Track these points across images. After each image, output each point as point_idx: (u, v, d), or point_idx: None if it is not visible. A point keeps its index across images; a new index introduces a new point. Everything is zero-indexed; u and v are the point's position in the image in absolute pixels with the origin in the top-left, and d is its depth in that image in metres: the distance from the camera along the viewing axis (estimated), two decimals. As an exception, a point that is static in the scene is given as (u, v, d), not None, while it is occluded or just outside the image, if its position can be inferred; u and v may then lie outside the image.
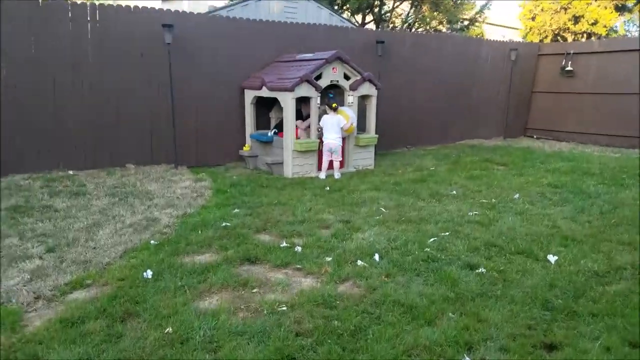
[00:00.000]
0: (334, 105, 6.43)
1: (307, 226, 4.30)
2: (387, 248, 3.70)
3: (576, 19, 14.82)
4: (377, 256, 3.51)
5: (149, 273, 3.05)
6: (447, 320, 2.59)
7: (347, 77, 6.81)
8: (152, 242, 3.70)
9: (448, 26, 15.80)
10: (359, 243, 3.83)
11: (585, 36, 15.14)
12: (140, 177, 6.13)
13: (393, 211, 4.87)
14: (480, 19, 16.72)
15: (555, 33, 15.43)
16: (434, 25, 15.33)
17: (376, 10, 14.87)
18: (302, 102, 6.60)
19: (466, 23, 16.56)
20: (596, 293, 2.98)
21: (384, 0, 14.65)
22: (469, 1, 15.78)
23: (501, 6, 20.02)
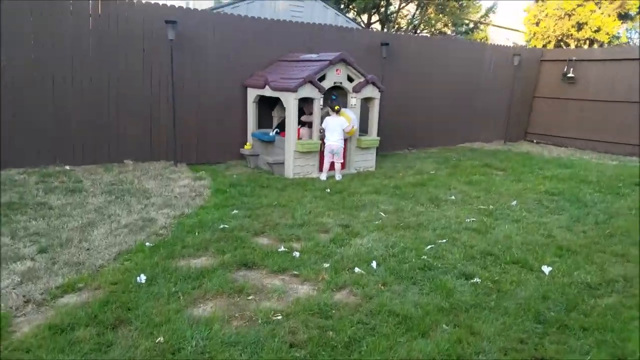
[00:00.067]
0: (337, 107, 6.41)
1: (306, 230, 4.29)
2: (385, 255, 3.70)
3: (579, 26, 14.84)
4: (375, 263, 3.50)
5: (143, 278, 3.02)
6: (441, 332, 2.59)
7: (351, 79, 6.76)
8: (148, 244, 3.68)
9: (453, 29, 15.77)
10: (357, 249, 3.82)
11: (587, 43, 15.15)
12: (138, 174, 6.10)
13: (392, 216, 4.87)
14: (485, 22, 16.70)
15: (558, 39, 15.45)
16: (439, 27, 15.30)
17: (382, 10, 14.81)
18: (305, 103, 6.57)
19: (471, 26, 16.53)
20: (588, 306, 2.99)
21: (390, 0, 14.59)
22: (475, 3, 15.75)
23: (506, 8, 19.97)
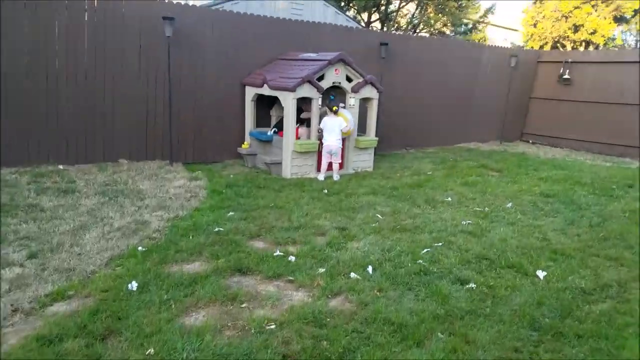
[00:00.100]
0: (335, 108, 6.37)
1: (303, 233, 4.25)
2: (381, 259, 3.68)
3: (576, 28, 14.95)
4: (371, 268, 3.48)
5: (134, 285, 2.97)
6: (436, 341, 2.57)
7: (350, 79, 6.72)
8: (140, 249, 3.63)
9: (452, 29, 15.77)
10: (353, 253, 3.80)
11: (583, 45, 15.25)
12: (132, 174, 6.02)
13: (389, 218, 4.85)
14: (484, 22, 16.75)
15: (555, 40, 15.55)
16: (439, 27, 15.29)
17: (382, 9, 14.76)
18: (304, 101, 6.52)
19: (470, 26, 16.56)
20: (582, 312, 2.99)
21: (391, -1, 14.58)
22: (474, 4, 15.76)
23: (506, 8, 20.05)
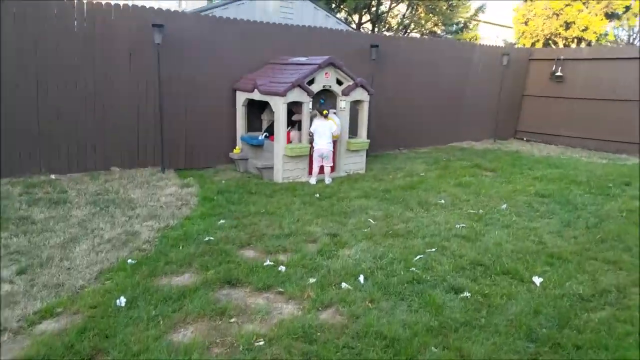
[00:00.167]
0: (325, 112, 6.34)
1: (293, 240, 4.21)
2: (373, 267, 3.63)
3: (567, 25, 14.94)
4: (362, 277, 3.43)
5: (122, 300, 2.92)
6: (430, 355, 2.52)
7: (340, 82, 6.70)
8: (130, 261, 3.57)
9: (443, 28, 15.75)
10: (345, 261, 3.75)
11: (575, 41, 15.24)
12: (124, 183, 5.96)
13: (381, 222, 4.80)
14: (476, 19, 16.74)
15: (546, 38, 15.53)
16: (430, 27, 15.27)
17: (373, 10, 14.72)
18: (294, 105, 6.49)
19: (461, 25, 16.56)
20: (581, 321, 2.93)
21: (381, 0, 14.52)
22: (464, 3, 15.75)
23: (498, 5, 20.03)
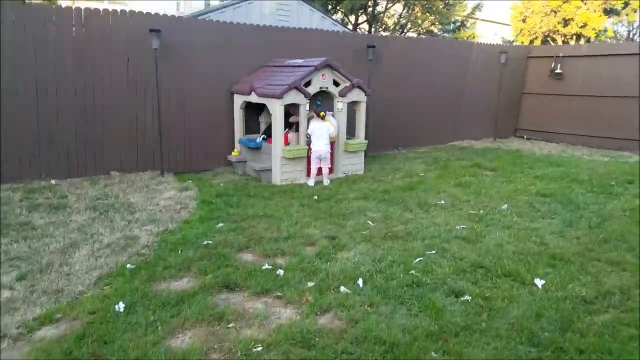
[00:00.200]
0: (322, 113, 6.34)
1: (292, 243, 4.20)
2: (372, 271, 3.61)
3: (566, 22, 14.86)
4: (361, 281, 3.41)
5: (121, 306, 2.91)
6: (429, 360, 2.51)
7: (337, 84, 6.70)
8: (129, 266, 3.57)
9: (440, 27, 15.72)
10: (343, 264, 3.73)
11: (574, 38, 15.15)
12: (124, 187, 5.97)
13: (380, 224, 4.78)
14: (473, 17, 16.70)
15: (545, 35, 15.45)
16: (426, 26, 15.24)
17: (370, 10, 14.70)
18: (291, 107, 6.49)
19: (458, 24, 16.53)
20: (583, 324, 2.90)
21: (377, 0, 14.51)
22: (460, 2, 15.72)
23: (495, 2, 19.92)
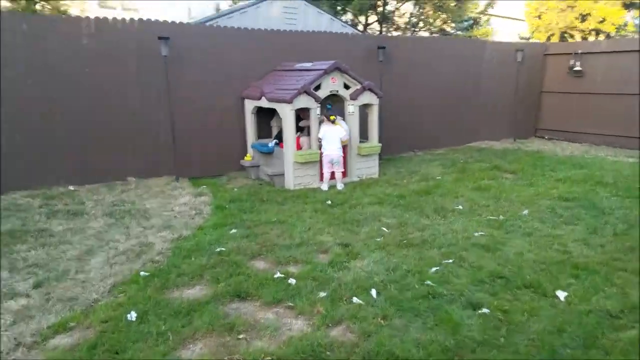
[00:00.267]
0: (332, 117, 6.27)
1: (304, 250, 4.16)
2: (386, 281, 3.53)
3: (583, 17, 14.40)
4: (374, 292, 3.34)
5: (133, 315, 2.93)
6: (444, 377, 2.42)
7: (347, 87, 6.61)
8: (143, 274, 3.59)
9: (453, 25, 15.45)
10: (357, 274, 3.66)
11: (593, 34, 14.68)
12: (140, 193, 6.05)
13: (395, 231, 4.69)
14: (487, 14, 16.36)
15: (562, 31, 15.01)
16: (438, 25, 15.00)
17: (380, 9, 14.56)
18: (302, 111, 6.45)
19: (471, 22, 16.22)
20: (608, 340, 2.76)
21: (387, 0, 14.36)
22: (473, 1, 15.41)
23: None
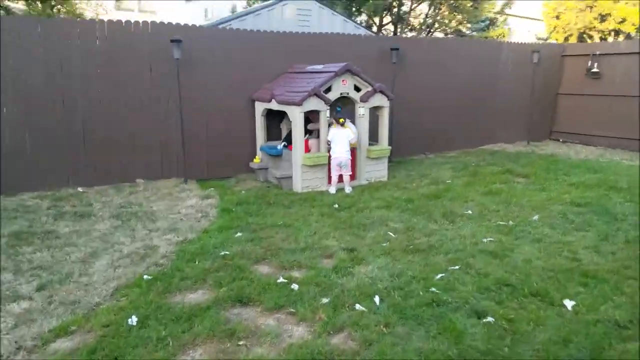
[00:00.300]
0: (342, 120, 6.24)
1: (309, 255, 4.13)
2: (390, 287, 3.48)
3: (602, 18, 14.07)
4: (378, 298, 3.29)
5: (134, 319, 2.93)
6: (445, 388, 2.37)
7: (358, 89, 6.58)
8: (146, 277, 3.60)
9: (469, 26, 15.26)
10: (360, 280, 3.62)
11: (613, 34, 14.34)
12: (147, 195, 6.09)
13: (402, 236, 4.63)
14: (504, 14, 16.14)
15: (580, 32, 14.70)
16: (454, 26, 14.83)
17: (395, 10, 14.47)
18: (311, 113, 6.43)
19: (487, 23, 16.01)
20: (616, 352, 2.67)
21: (403, 1, 14.25)
22: (489, 1, 15.20)
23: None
